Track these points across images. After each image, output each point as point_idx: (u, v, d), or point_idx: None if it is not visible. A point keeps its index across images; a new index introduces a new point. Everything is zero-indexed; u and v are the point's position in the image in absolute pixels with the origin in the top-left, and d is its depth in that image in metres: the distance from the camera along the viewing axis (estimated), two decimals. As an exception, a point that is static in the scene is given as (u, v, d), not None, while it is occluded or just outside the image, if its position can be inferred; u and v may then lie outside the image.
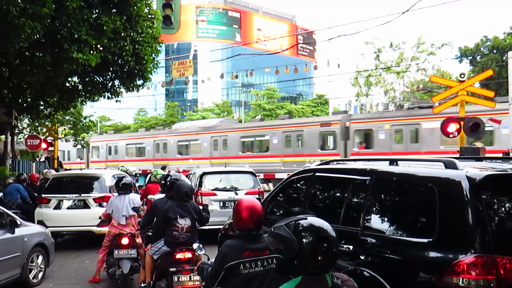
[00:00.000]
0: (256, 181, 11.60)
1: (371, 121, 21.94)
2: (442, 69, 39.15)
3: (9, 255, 6.80)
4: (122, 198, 7.46)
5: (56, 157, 21.26)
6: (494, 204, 3.38)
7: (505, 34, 34.06)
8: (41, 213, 10.28)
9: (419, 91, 37.21)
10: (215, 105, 70.27)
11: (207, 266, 3.72)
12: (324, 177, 5.19)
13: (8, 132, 15.80)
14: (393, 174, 4.21)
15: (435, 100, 14.49)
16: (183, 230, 5.54)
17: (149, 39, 11.39)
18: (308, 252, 2.18)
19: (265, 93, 67.93)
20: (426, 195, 3.61)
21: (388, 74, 39.07)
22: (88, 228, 10.03)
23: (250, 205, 3.55)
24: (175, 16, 11.80)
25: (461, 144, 11.35)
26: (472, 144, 13.11)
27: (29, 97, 13.59)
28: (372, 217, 4.13)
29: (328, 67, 30.07)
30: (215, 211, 10.64)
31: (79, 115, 21.19)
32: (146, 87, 14.84)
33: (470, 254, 3.07)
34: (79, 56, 9.60)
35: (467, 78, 13.04)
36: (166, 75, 55.51)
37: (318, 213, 4.28)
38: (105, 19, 9.95)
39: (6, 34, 8.64)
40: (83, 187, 10.67)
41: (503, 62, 30.82)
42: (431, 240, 3.37)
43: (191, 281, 5.35)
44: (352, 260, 3.99)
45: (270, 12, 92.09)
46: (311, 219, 2.31)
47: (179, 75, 24.78)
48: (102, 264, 7.59)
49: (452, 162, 3.67)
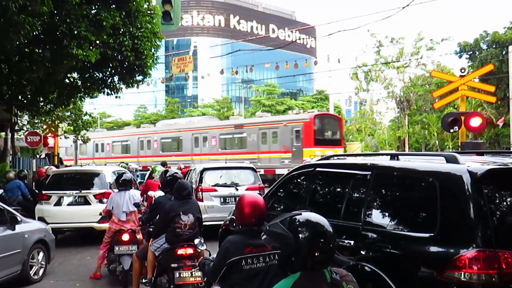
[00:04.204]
0: (256, 177, 11.62)
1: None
2: (442, 64, 39.09)
3: (10, 252, 6.81)
4: (123, 194, 7.46)
5: (56, 154, 21.25)
6: (496, 199, 3.37)
7: (506, 28, 33.99)
8: (41, 209, 10.29)
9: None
10: (215, 101, 70.24)
11: (208, 261, 3.73)
12: (324, 172, 5.18)
13: (8, 129, 15.78)
14: (394, 168, 4.20)
15: (436, 95, 14.47)
16: (186, 227, 5.53)
17: (149, 34, 11.35)
18: (305, 248, 2.16)
19: (265, 89, 67.88)
20: (427, 189, 3.60)
21: (388, 69, 38.99)
22: (89, 224, 10.04)
23: (252, 201, 3.55)
24: (174, 12, 11.75)
25: (461, 139, 11.35)
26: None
27: (29, 93, 13.56)
28: (373, 212, 4.13)
29: (328, 62, 30.04)
30: (216, 206, 10.67)
31: (79, 111, 21.15)
32: (146, 83, 14.77)
33: (472, 249, 3.07)
34: (78, 52, 9.57)
35: (467, 73, 13.01)
36: (166, 71, 55.36)
37: (318, 208, 4.29)
38: (105, 15, 9.91)
39: (5, 31, 8.61)
40: (83, 183, 10.67)
41: (503, 57, 30.79)
42: (432, 235, 3.36)
43: (193, 277, 5.35)
44: (353, 255, 3.99)
45: (269, 8, 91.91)
46: (306, 214, 2.28)
47: (179, 71, 24.69)
48: (102, 261, 7.60)
49: (453, 157, 3.65)
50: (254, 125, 26.89)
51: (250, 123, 28.17)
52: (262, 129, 25.83)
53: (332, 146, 24.59)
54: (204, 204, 10.42)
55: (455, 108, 29.91)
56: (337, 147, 25.48)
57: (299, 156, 23.10)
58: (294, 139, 24.22)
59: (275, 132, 25.21)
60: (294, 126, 24.34)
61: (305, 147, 23.59)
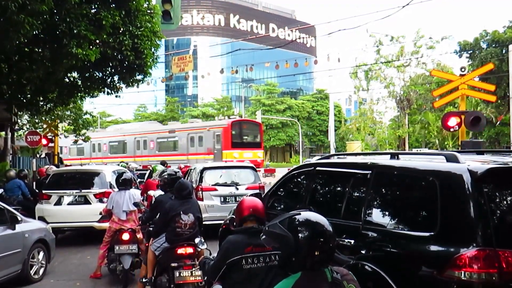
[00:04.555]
0: (256, 176, 11.62)
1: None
2: (442, 64, 39.04)
3: (10, 251, 6.81)
4: (123, 194, 7.46)
5: (56, 153, 21.25)
6: (496, 198, 3.36)
7: (505, 27, 33.97)
8: (42, 209, 10.29)
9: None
10: (215, 100, 70.22)
11: (209, 260, 3.73)
12: (325, 172, 5.17)
13: (8, 128, 15.78)
14: (394, 168, 4.19)
15: (436, 94, 14.45)
16: (186, 226, 5.53)
17: (149, 33, 11.33)
18: (305, 248, 2.16)
19: (265, 88, 67.84)
20: (428, 188, 3.59)
21: (388, 68, 38.97)
22: (89, 224, 10.04)
23: (252, 204, 3.64)
24: (174, 11, 11.74)
25: (461, 138, 11.34)
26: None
27: (29, 93, 13.55)
28: (373, 211, 4.12)
29: (328, 61, 30.04)
30: (216, 206, 10.67)
31: (79, 110, 21.15)
32: (146, 83, 14.76)
33: (472, 248, 3.06)
34: (78, 52, 9.56)
35: (467, 72, 13.00)
36: (166, 71, 55.36)
37: (319, 208, 4.29)
38: (104, 14, 9.90)
39: (5, 30, 8.60)
40: (83, 183, 10.67)
41: (503, 56, 30.77)
42: (432, 234, 3.36)
43: (193, 276, 5.35)
44: (353, 254, 3.98)
45: (269, 7, 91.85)
46: (306, 214, 2.28)
47: (179, 71, 24.67)
48: (103, 260, 7.60)
49: (453, 156, 3.65)
50: (184, 130, 30.66)
51: (181, 128, 31.95)
52: (190, 134, 29.35)
53: (251, 148, 28.24)
54: (204, 204, 10.42)
55: (455, 107, 29.91)
56: (257, 149, 28.98)
57: (219, 157, 26.02)
58: (215, 142, 27.53)
59: (200, 136, 28.61)
60: (216, 131, 27.82)
61: (224, 150, 26.83)
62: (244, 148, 27.58)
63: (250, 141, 29.12)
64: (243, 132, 28.82)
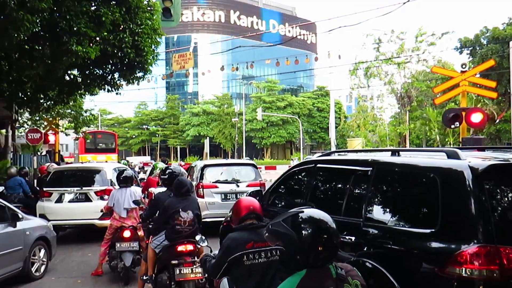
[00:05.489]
0: (257, 173, 11.61)
1: None
2: (443, 60, 38.94)
3: (11, 249, 6.82)
4: (124, 191, 7.46)
5: (57, 151, 21.27)
6: (497, 194, 3.35)
7: (504, 24, 33.87)
8: (43, 206, 10.30)
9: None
10: (216, 97, 70.17)
11: (210, 258, 3.74)
12: (325, 169, 5.17)
13: (9, 126, 15.78)
14: (395, 164, 4.18)
15: (436, 90, 14.42)
16: (185, 223, 5.52)
17: (149, 31, 11.31)
18: (309, 245, 2.16)
19: (265, 85, 67.76)
20: (428, 185, 3.59)
21: (388, 65, 38.86)
22: (90, 221, 10.07)
23: (250, 203, 3.74)
24: (175, 8, 11.72)
25: (462, 135, 11.32)
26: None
27: (29, 90, 13.53)
28: (374, 208, 4.12)
29: (329, 58, 29.99)
30: (217, 203, 10.67)
31: (80, 108, 21.15)
32: (147, 80, 14.77)
33: (473, 244, 3.06)
34: (78, 49, 9.54)
35: (468, 69, 12.96)
36: (166, 68, 55.33)
37: (319, 205, 4.28)
38: (104, 11, 9.88)
39: (5, 28, 8.58)
40: (84, 180, 10.68)
41: (504, 53, 30.70)
42: (433, 231, 3.35)
43: (193, 273, 5.35)
44: (354, 251, 3.98)
45: (270, 4, 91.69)
46: (309, 211, 2.28)
47: (179, 68, 24.62)
48: (104, 257, 7.61)
49: (454, 152, 3.64)
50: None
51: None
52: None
53: (105, 153, 35.42)
54: (205, 201, 10.42)
55: (456, 104, 29.84)
56: (111, 153, 36.45)
57: (77, 159, 35.62)
58: (76, 148, 38.96)
59: (67, 144, 37.02)
60: (76, 140, 33.03)
61: (80, 154, 36.54)
62: (97, 153, 35.02)
63: (105, 147, 37.24)
64: (96, 140, 36.53)
